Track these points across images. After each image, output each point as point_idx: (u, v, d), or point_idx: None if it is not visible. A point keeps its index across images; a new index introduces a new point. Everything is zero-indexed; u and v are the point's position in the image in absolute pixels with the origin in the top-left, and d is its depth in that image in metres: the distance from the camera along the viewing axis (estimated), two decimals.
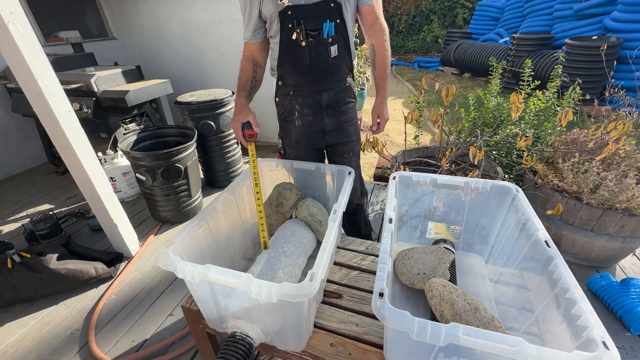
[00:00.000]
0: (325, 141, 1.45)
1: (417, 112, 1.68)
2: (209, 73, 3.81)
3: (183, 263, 0.82)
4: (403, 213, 1.34)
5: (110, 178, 2.58)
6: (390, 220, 1.01)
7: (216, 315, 0.96)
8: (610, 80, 2.22)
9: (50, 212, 2.23)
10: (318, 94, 1.32)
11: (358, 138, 1.53)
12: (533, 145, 2.07)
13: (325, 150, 1.55)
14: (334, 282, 1.21)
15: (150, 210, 2.49)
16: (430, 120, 2.11)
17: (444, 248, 1.15)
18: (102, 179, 1.89)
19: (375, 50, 1.35)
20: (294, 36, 1.18)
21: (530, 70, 2.24)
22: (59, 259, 1.83)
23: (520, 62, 5.02)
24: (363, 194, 1.69)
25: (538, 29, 5.88)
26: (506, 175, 2.09)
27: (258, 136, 1.26)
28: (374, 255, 1.34)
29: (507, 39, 6.44)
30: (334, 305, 1.11)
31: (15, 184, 3.20)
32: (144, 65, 3.91)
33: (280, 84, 1.37)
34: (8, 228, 2.50)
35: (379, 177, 2.97)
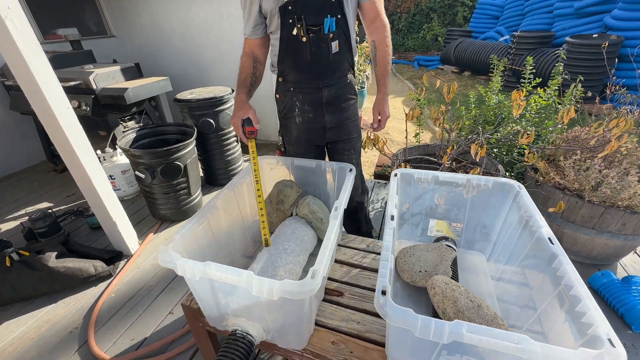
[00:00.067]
0: (326, 138, 1.44)
1: (418, 110, 1.67)
2: (208, 71, 3.79)
3: (183, 260, 0.81)
4: (404, 211, 1.33)
5: (110, 176, 2.56)
6: (392, 217, 1.00)
7: (216, 313, 0.95)
8: (612, 78, 2.21)
9: (49, 210, 2.22)
10: (319, 90, 1.31)
11: (359, 135, 1.52)
12: (534, 143, 2.07)
13: (325, 147, 1.54)
14: (335, 280, 1.20)
15: (149, 208, 2.48)
16: (431, 119, 2.10)
17: (445, 245, 1.14)
18: (101, 176, 1.88)
19: (376, 47, 1.34)
20: (295, 32, 1.17)
21: (531, 68, 2.23)
22: (57, 257, 1.82)
23: (520, 61, 5.01)
24: (364, 191, 1.68)
25: (538, 27, 5.87)
26: (507, 173, 2.08)
27: (257, 134, 1.25)
28: (375, 253, 1.34)
29: (507, 37, 6.42)
30: (335, 303, 1.10)
31: (13, 182, 3.19)
32: (143, 63, 3.89)
33: (280, 80, 1.35)
34: (6, 226, 2.48)
35: (379, 175, 2.96)
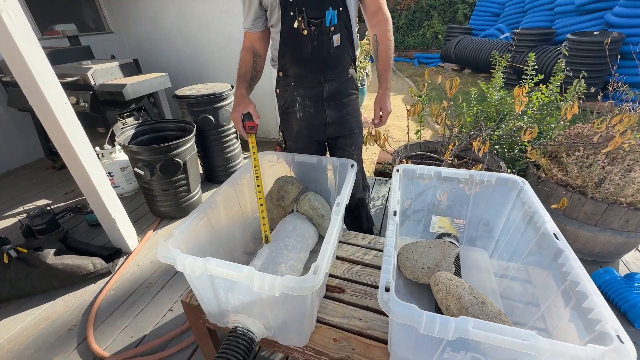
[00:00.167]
0: (327, 134, 1.42)
1: (420, 105, 1.65)
2: (208, 67, 3.76)
3: (183, 256, 0.80)
4: (406, 207, 1.32)
5: (108, 173, 2.54)
6: (395, 212, 0.99)
7: (217, 310, 0.94)
8: (614, 75, 2.20)
9: (48, 207, 2.20)
10: (320, 85, 1.29)
11: (360, 131, 1.50)
12: (536, 139, 2.05)
13: (327, 143, 1.53)
14: (336, 277, 1.19)
15: (148, 205, 2.47)
16: (432, 116, 2.08)
17: (448, 242, 1.13)
18: (100, 172, 1.86)
19: (378, 41, 1.32)
20: (296, 24, 1.15)
21: (533, 64, 2.21)
22: (56, 254, 1.81)
23: (521, 58, 4.99)
24: (365, 188, 1.66)
25: (539, 24, 5.84)
26: (509, 170, 2.07)
27: (257, 131, 1.23)
28: (376, 249, 1.32)
29: (508, 34, 6.40)
30: (336, 299, 1.09)
31: (11, 179, 3.16)
32: (142, 59, 3.86)
33: (281, 75, 1.34)
34: (4, 223, 2.47)
35: (380, 173, 2.94)
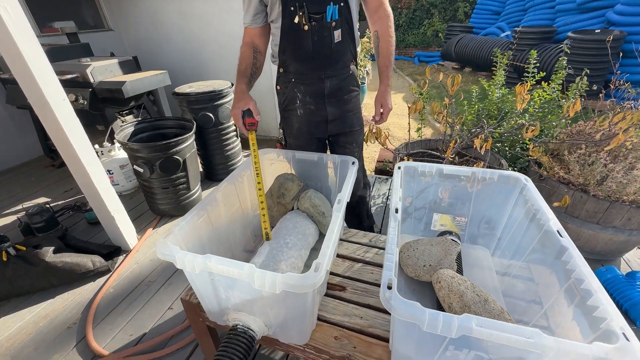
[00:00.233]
0: (328, 131, 1.41)
1: (422, 102, 1.64)
2: (207, 65, 3.75)
3: (182, 253, 0.79)
4: (407, 205, 1.31)
5: (108, 171, 2.53)
6: (397, 210, 0.98)
7: (217, 308, 0.93)
8: (616, 73, 2.18)
9: (47, 205, 2.19)
10: (321, 81, 1.28)
11: (361, 128, 1.49)
12: (538, 137, 2.04)
13: (327, 140, 1.52)
14: (337, 275, 1.18)
15: (148, 203, 2.46)
16: (433, 114, 2.07)
17: (450, 239, 1.12)
18: (99, 170, 1.85)
19: (379, 37, 1.31)
20: (296, 20, 1.13)
21: (535, 62, 2.20)
22: (55, 252, 1.80)
23: (522, 57, 4.97)
24: (366, 185, 1.65)
25: (540, 22, 5.83)
26: (510, 168, 2.06)
27: (257, 129, 1.22)
28: (377, 247, 1.32)
29: (509, 32, 6.38)
30: (337, 297, 1.08)
31: (10, 177, 3.15)
32: (141, 56, 3.84)
33: (281, 71, 1.32)
34: (3, 221, 2.46)
35: (380, 171, 2.94)
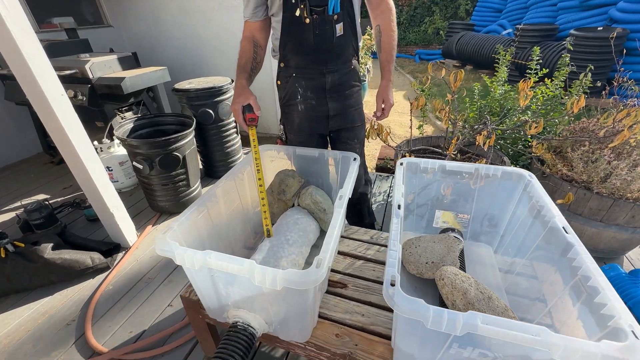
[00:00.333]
0: (329, 126, 1.39)
1: (424, 98, 1.62)
2: (207, 61, 3.72)
3: (182, 249, 0.78)
4: (409, 202, 1.30)
5: (107, 167, 2.52)
6: (399, 206, 0.96)
7: (216, 305, 0.92)
8: (620, 70, 2.16)
9: (46, 202, 2.18)
10: (322, 76, 1.26)
11: (363, 124, 1.47)
12: (541, 134, 2.02)
13: (328, 136, 1.50)
14: (338, 272, 1.17)
15: (147, 200, 2.44)
16: (435, 111, 2.05)
17: (453, 236, 1.11)
18: (98, 167, 1.83)
19: (381, 31, 1.29)
20: (298, 13, 1.12)
21: (538, 58, 2.18)
22: (54, 248, 1.79)
23: (523, 54, 4.94)
24: (367, 182, 1.64)
25: (542, 20, 5.79)
26: (512, 165, 2.04)
27: (256, 126, 1.20)
28: (379, 244, 1.30)
29: (510, 30, 6.34)
30: (338, 295, 1.07)
31: (9, 174, 3.13)
32: (141, 53, 3.81)
33: (282, 65, 1.30)
34: (2, 218, 2.44)
35: (381, 168, 2.92)
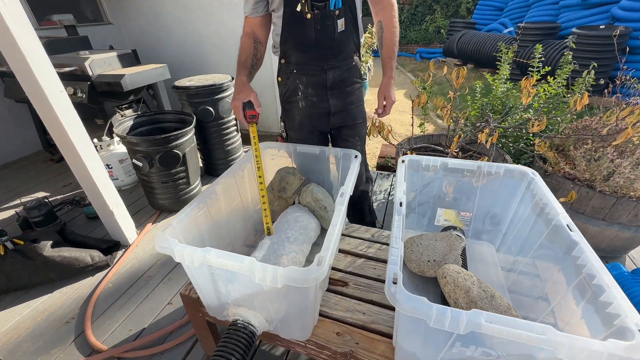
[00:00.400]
0: (330, 123, 1.38)
1: (425, 96, 1.61)
2: (208, 58, 3.70)
3: (181, 246, 0.77)
4: (410, 200, 1.29)
5: (107, 165, 2.51)
6: (401, 203, 0.95)
7: (216, 303, 0.91)
8: (622, 68, 2.15)
9: (45, 200, 2.17)
10: (323, 72, 1.25)
11: (364, 121, 1.46)
12: (543, 132, 2.01)
13: (329, 133, 1.49)
14: (339, 270, 1.16)
15: (147, 198, 2.44)
16: (435, 111, 2.04)
17: (455, 235, 1.10)
18: (98, 164, 1.82)
19: (383, 27, 1.28)
20: (299, 8, 1.10)
21: (540, 56, 2.16)
22: (53, 246, 1.78)
23: (524, 53, 4.92)
24: (368, 180, 1.63)
25: (543, 18, 5.76)
26: (514, 163, 2.02)
27: (257, 122, 1.19)
28: (380, 243, 1.29)
29: (512, 29, 6.31)
30: (339, 293, 1.06)
31: (8, 172, 3.13)
32: (140, 50, 3.79)
33: (282, 62, 1.29)
34: (1, 216, 2.43)
35: (382, 167, 2.91)
